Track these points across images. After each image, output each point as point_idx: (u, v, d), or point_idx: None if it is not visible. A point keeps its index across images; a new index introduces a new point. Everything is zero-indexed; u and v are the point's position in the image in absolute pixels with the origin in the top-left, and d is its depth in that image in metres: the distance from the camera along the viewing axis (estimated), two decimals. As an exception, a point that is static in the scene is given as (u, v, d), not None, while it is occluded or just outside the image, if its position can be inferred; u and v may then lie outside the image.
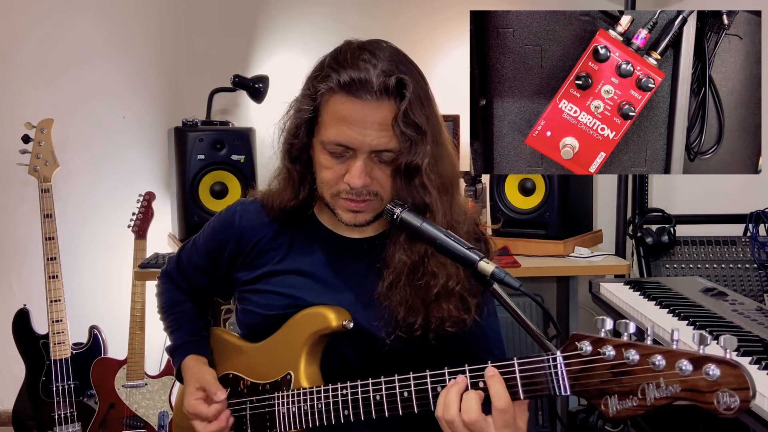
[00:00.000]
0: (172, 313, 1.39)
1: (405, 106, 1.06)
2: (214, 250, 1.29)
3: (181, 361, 1.31)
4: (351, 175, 1.09)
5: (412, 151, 1.08)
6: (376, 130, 1.07)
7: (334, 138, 1.09)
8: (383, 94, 1.06)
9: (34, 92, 2.80)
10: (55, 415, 2.50)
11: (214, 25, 2.83)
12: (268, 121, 3.07)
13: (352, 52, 1.10)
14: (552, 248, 2.33)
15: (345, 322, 1.14)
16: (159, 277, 1.45)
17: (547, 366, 0.88)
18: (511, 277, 1.00)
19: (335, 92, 1.08)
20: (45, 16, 2.79)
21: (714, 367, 0.73)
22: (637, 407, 0.79)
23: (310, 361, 1.16)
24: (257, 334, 1.24)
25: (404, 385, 1.01)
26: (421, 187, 1.11)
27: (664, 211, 2.67)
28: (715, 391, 0.73)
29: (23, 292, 2.80)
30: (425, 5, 2.81)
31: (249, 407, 1.21)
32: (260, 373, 1.21)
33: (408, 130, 1.07)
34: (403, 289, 1.12)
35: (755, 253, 2.46)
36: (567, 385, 0.86)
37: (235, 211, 1.29)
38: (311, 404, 1.10)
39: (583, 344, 0.84)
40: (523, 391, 0.90)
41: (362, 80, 1.05)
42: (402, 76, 1.07)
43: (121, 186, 2.81)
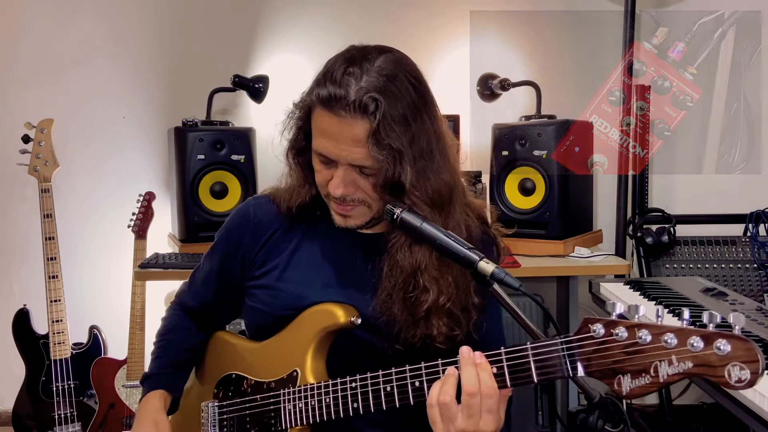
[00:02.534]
0: (161, 340, 1.37)
1: (374, 127, 1.04)
2: (231, 248, 1.28)
3: (147, 392, 1.30)
4: (331, 184, 1.11)
5: (394, 170, 1.07)
6: (350, 146, 1.06)
7: (316, 148, 1.11)
8: (357, 111, 1.04)
9: (34, 92, 2.80)
10: (55, 415, 2.50)
11: (214, 25, 2.82)
12: (268, 121, 3.07)
13: (344, 62, 1.08)
14: (552, 248, 2.33)
15: (353, 318, 1.14)
16: (171, 303, 1.43)
17: (561, 349, 0.90)
18: (511, 277, 1.00)
19: (316, 105, 1.09)
20: (45, 16, 2.79)
21: (725, 342, 0.76)
22: (650, 384, 0.82)
23: (317, 357, 1.16)
24: (263, 332, 1.24)
25: (415, 375, 1.01)
26: (410, 202, 1.10)
27: (664, 211, 2.67)
28: (726, 365, 0.76)
29: (23, 292, 2.80)
30: (425, 6, 2.81)
31: (253, 406, 1.20)
32: (265, 372, 1.21)
33: (382, 150, 1.05)
34: (396, 303, 1.12)
35: (755, 253, 2.46)
36: (581, 366, 0.87)
37: (249, 205, 1.30)
38: (318, 399, 1.10)
39: (596, 327, 0.86)
40: (537, 374, 0.91)
41: (338, 96, 1.04)
42: (376, 96, 1.04)
43: (121, 186, 2.81)
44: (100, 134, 2.84)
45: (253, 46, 2.83)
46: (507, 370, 0.94)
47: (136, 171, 2.84)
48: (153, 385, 1.31)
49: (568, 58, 2.83)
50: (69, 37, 2.80)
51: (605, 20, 2.80)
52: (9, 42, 2.79)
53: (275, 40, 2.83)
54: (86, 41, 2.80)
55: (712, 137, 2.84)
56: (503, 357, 0.95)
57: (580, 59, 2.83)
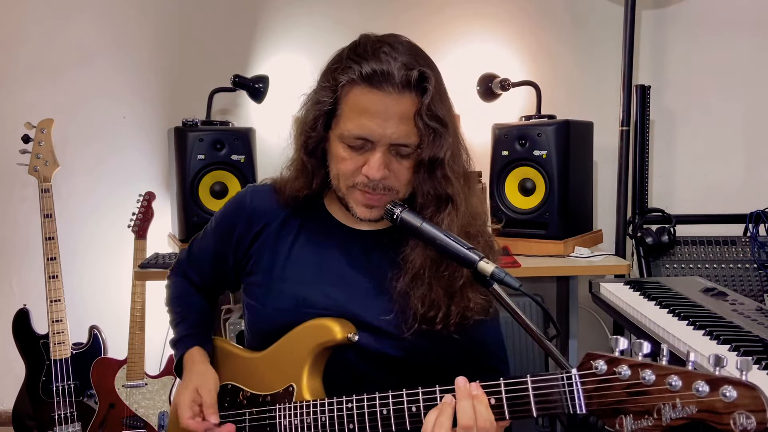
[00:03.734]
0: (178, 305, 1.37)
1: (428, 99, 1.06)
2: (225, 234, 1.28)
3: (183, 353, 1.28)
4: (370, 167, 1.08)
5: (436, 144, 1.08)
6: (396, 122, 1.06)
7: (353, 130, 1.08)
8: (405, 87, 1.05)
9: (34, 92, 2.80)
10: (55, 415, 2.50)
11: (214, 25, 2.82)
12: (268, 121, 3.10)
13: (372, 44, 1.09)
14: (552, 248, 2.33)
15: (350, 335, 1.13)
16: (170, 270, 1.43)
17: (562, 384, 0.88)
18: (511, 277, 1.00)
19: (356, 84, 1.07)
20: (45, 17, 2.79)
21: (731, 388, 0.74)
22: (652, 427, 0.79)
23: (313, 373, 1.15)
24: (262, 335, 1.22)
25: (412, 400, 1.00)
26: (444, 179, 1.11)
27: (664, 211, 2.67)
28: (732, 413, 0.74)
29: (23, 292, 2.80)
30: (425, 5, 2.81)
31: (248, 419, 1.19)
32: (261, 384, 1.20)
33: (433, 123, 1.07)
34: (427, 281, 1.11)
35: (755, 253, 2.46)
36: (582, 403, 0.86)
37: (246, 193, 1.29)
38: (314, 417, 1.09)
39: (598, 363, 0.84)
40: (536, 408, 0.89)
41: (384, 72, 1.04)
42: (424, 70, 1.07)
43: (121, 186, 2.81)
44: (100, 134, 2.84)
45: (253, 46, 2.83)
46: (506, 402, 0.92)
47: (136, 171, 2.84)
48: (186, 344, 1.29)
49: (568, 58, 2.83)
50: (69, 37, 2.80)
51: (605, 20, 2.80)
52: (9, 42, 2.79)
53: (275, 40, 2.83)
54: (86, 41, 2.80)
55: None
56: (502, 389, 0.93)
57: (580, 59, 2.83)
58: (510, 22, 2.83)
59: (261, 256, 1.23)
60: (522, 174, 2.40)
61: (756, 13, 2.77)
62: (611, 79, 2.74)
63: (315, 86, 1.16)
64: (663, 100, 2.80)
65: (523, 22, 2.83)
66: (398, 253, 1.15)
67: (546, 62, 2.83)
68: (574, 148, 2.34)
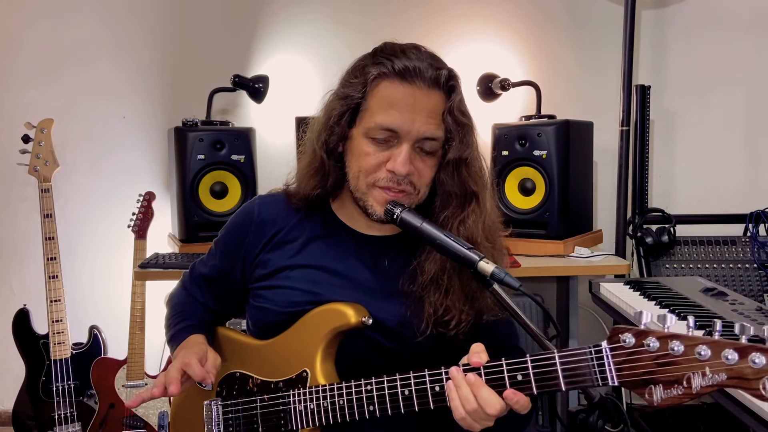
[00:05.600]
0: (177, 312, 1.35)
1: (459, 97, 1.12)
2: (232, 247, 1.27)
3: (179, 343, 1.25)
4: (395, 162, 1.10)
5: (464, 142, 1.13)
6: (425, 116, 1.09)
7: (381, 122, 1.10)
8: (434, 84, 1.10)
9: (34, 92, 2.80)
10: (55, 415, 2.50)
11: (214, 25, 2.82)
12: (268, 121, 3.10)
13: (399, 47, 1.14)
14: (552, 248, 2.33)
15: (364, 318, 1.12)
16: (177, 287, 1.41)
17: (590, 358, 0.88)
18: (511, 277, 1.00)
19: (387, 77, 1.10)
20: (45, 16, 2.79)
21: (759, 355, 0.76)
22: (683, 395, 0.81)
23: (326, 358, 1.14)
24: (270, 332, 1.22)
25: (435, 380, 1.00)
26: (470, 177, 1.15)
27: (664, 211, 2.67)
28: (761, 378, 0.76)
29: (23, 292, 2.80)
30: (425, 6, 2.81)
31: (260, 405, 1.18)
32: (271, 371, 1.19)
33: (463, 120, 1.12)
34: (447, 284, 1.12)
35: (755, 253, 2.46)
36: (614, 375, 0.87)
37: (254, 204, 1.29)
38: (331, 401, 1.09)
39: (625, 336, 0.86)
40: (564, 382, 0.90)
41: (416, 68, 1.09)
42: (452, 70, 1.13)
43: (121, 186, 2.81)
44: (100, 134, 2.84)
45: (253, 46, 2.83)
46: (533, 378, 0.93)
47: (136, 171, 2.85)
48: (186, 333, 1.27)
49: (568, 58, 2.83)
50: (69, 37, 2.80)
51: (605, 20, 2.80)
52: (9, 42, 2.79)
53: (275, 40, 2.83)
54: (86, 41, 2.80)
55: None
56: (529, 365, 0.93)
57: (580, 59, 2.83)
58: (510, 22, 2.83)
59: (270, 262, 1.23)
60: (522, 174, 2.40)
61: (755, 12, 2.78)
62: (611, 79, 2.75)
63: (337, 87, 1.18)
64: (663, 100, 2.80)
65: (523, 22, 2.83)
66: (409, 258, 1.16)
67: (546, 62, 2.83)
68: (574, 148, 2.34)
